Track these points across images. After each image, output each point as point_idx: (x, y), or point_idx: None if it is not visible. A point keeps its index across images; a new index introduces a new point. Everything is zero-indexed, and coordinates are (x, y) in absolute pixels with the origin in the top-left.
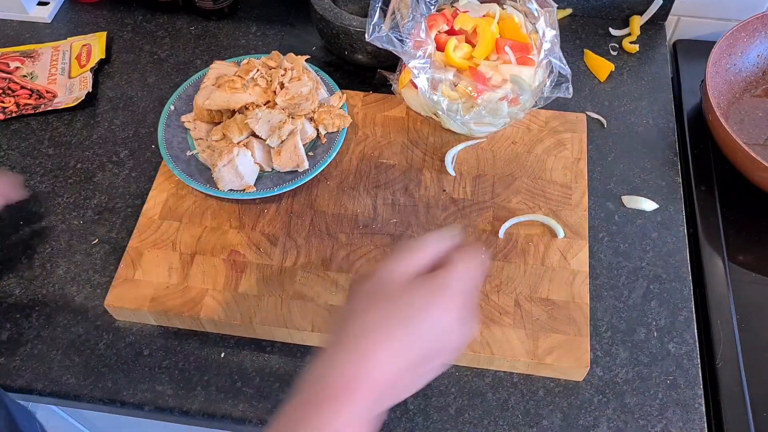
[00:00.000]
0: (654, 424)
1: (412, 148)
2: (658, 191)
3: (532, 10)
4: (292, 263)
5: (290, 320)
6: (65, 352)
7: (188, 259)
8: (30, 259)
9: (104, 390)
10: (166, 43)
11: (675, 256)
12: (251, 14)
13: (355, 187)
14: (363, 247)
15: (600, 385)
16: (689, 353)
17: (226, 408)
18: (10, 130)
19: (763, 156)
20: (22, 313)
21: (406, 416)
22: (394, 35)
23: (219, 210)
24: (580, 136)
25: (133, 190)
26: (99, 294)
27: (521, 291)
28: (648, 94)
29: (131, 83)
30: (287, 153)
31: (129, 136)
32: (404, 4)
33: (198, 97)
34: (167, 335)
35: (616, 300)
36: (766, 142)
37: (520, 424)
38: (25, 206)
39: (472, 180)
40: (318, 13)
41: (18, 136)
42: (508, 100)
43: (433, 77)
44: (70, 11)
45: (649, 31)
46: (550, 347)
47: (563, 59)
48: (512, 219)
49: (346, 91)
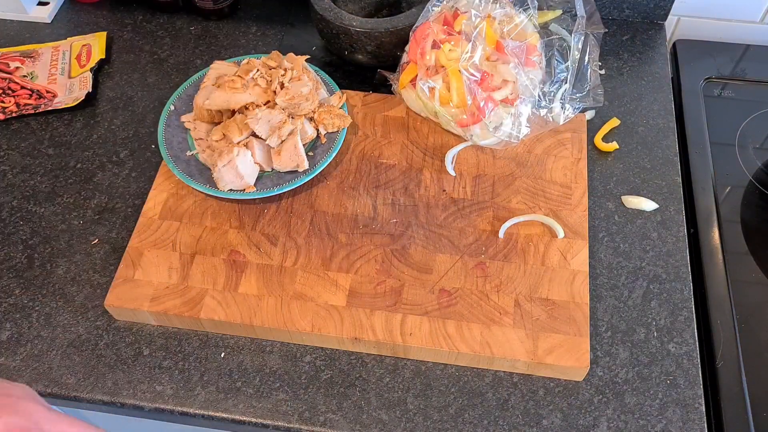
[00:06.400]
0: (654, 424)
1: (412, 148)
2: (658, 191)
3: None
4: (292, 263)
5: (290, 320)
6: (65, 352)
7: (188, 259)
8: (30, 259)
9: (104, 390)
10: (166, 43)
11: (675, 256)
12: (251, 14)
13: (355, 187)
14: (363, 247)
15: (600, 385)
16: (689, 353)
17: (226, 408)
18: (10, 130)
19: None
20: (22, 313)
21: (406, 416)
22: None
23: (219, 210)
24: (580, 136)
25: (133, 190)
26: (99, 294)
27: (521, 291)
28: (648, 94)
29: (131, 83)
30: (287, 153)
31: (129, 136)
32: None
33: (198, 97)
34: (167, 335)
35: (616, 300)
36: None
37: (520, 424)
38: (25, 206)
39: (472, 180)
40: (318, 13)
41: (18, 136)
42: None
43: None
44: (70, 11)
45: (649, 31)
46: (550, 347)
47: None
48: (512, 219)
49: (346, 91)
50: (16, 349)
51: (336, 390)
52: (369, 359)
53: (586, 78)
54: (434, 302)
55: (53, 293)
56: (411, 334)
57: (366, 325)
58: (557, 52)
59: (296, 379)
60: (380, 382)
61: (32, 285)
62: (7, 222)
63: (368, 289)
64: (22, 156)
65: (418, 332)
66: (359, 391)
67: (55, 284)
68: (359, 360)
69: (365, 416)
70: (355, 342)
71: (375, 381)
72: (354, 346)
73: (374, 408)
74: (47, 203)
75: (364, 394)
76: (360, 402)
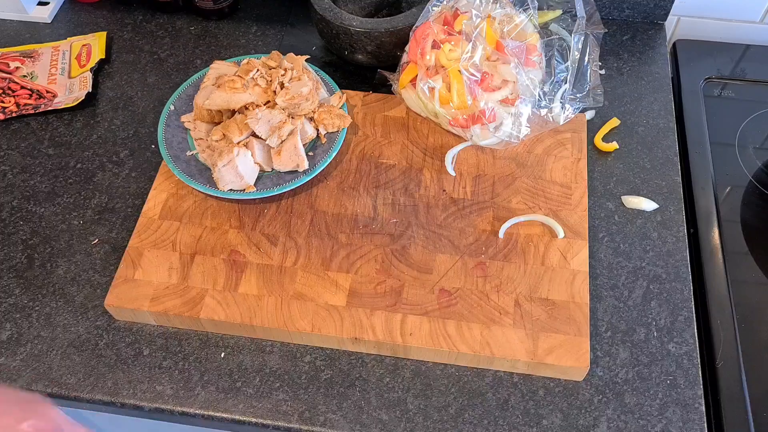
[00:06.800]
0: (654, 424)
1: (412, 148)
2: (658, 191)
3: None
4: (292, 263)
5: (290, 320)
6: (65, 352)
7: (188, 259)
8: (30, 259)
9: (104, 390)
10: (166, 43)
11: (675, 256)
12: (251, 14)
13: (355, 187)
14: (363, 247)
15: (600, 385)
16: (689, 353)
17: (226, 408)
18: (10, 130)
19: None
20: (22, 313)
21: (406, 416)
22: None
23: (219, 210)
24: (580, 136)
25: (133, 190)
26: (99, 294)
27: (521, 291)
28: (648, 94)
29: (131, 83)
30: (287, 153)
31: (129, 136)
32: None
33: (198, 97)
34: (167, 335)
35: (616, 300)
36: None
37: (520, 424)
38: (25, 206)
39: (472, 180)
40: (318, 13)
41: (18, 136)
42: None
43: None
44: (70, 11)
45: (649, 31)
46: (550, 347)
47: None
48: (512, 219)
49: (346, 91)
50: (16, 349)
51: (336, 390)
52: (369, 359)
53: (586, 78)
54: (434, 302)
55: (53, 293)
56: (411, 334)
57: (366, 325)
58: (557, 52)
59: (296, 379)
60: (380, 382)
61: (32, 285)
62: (7, 222)
63: (368, 289)
64: (22, 156)
65: (418, 332)
66: (359, 391)
67: (55, 284)
68: (359, 360)
69: (365, 416)
70: (355, 342)
71: (375, 381)
72: (354, 346)
73: (374, 408)
74: (47, 203)
75: (364, 394)
76: (360, 402)
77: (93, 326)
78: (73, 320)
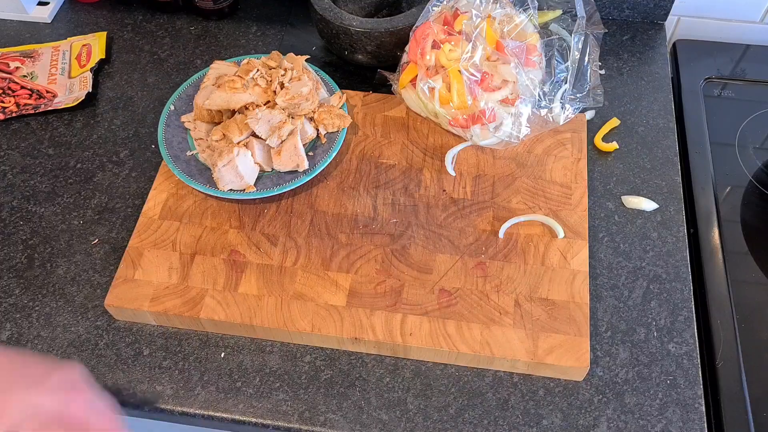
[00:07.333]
0: (654, 424)
1: (412, 148)
2: (658, 191)
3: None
4: (292, 263)
5: (290, 320)
6: (65, 352)
7: (188, 259)
8: (30, 259)
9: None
10: (166, 43)
11: (675, 256)
12: (251, 14)
13: (355, 187)
14: (363, 247)
15: (600, 385)
16: (689, 353)
17: (226, 408)
18: (10, 130)
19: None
20: (22, 313)
21: (406, 416)
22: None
23: (219, 210)
24: (580, 136)
25: (133, 190)
26: (99, 294)
27: (521, 291)
28: (648, 94)
29: (131, 83)
30: (287, 153)
31: (129, 136)
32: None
33: (198, 97)
34: (167, 335)
35: (616, 300)
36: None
37: (520, 424)
38: (25, 206)
39: (472, 180)
40: (318, 13)
41: (18, 136)
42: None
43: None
44: (70, 11)
45: (649, 31)
46: (550, 347)
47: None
48: (512, 219)
49: (346, 91)
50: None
51: (336, 390)
52: (369, 359)
53: (586, 78)
54: (434, 302)
55: (53, 293)
56: (411, 334)
57: (366, 325)
58: (557, 52)
59: (296, 379)
60: (380, 382)
61: (32, 285)
62: (7, 222)
63: (368, 289)
64: (22, 156)
65: (418, 332)
66: (359, 391)
67: (55, 284)
68: (359, 360)
69: (365, 416)
70: (355, 342)
71: (375, 381)
72: (354, 346)
73: (374, 408)
74: (47, 203)
75: (364, 394)
76: (360, 402)
77: (93, 326)
78: (73, 320)
